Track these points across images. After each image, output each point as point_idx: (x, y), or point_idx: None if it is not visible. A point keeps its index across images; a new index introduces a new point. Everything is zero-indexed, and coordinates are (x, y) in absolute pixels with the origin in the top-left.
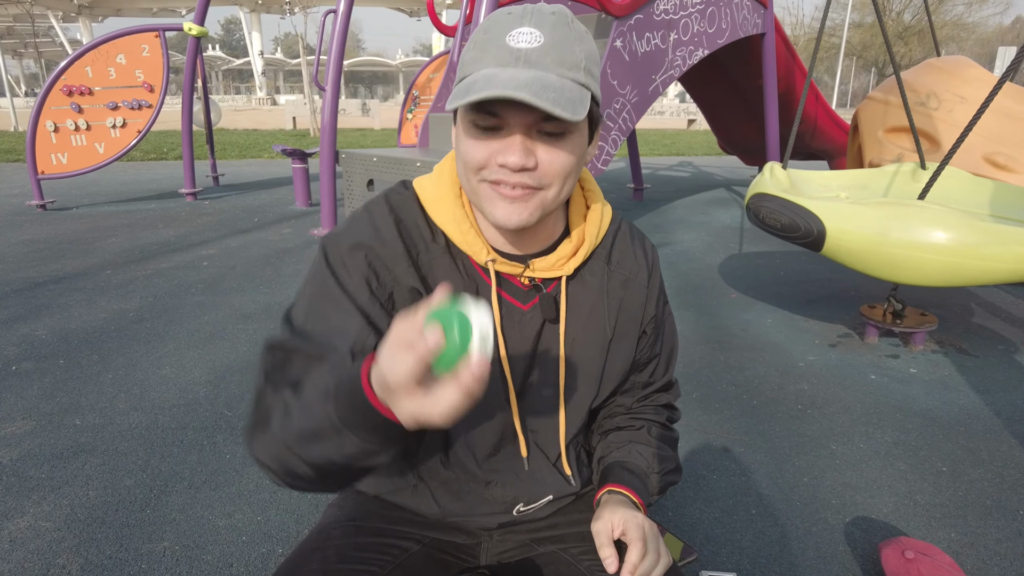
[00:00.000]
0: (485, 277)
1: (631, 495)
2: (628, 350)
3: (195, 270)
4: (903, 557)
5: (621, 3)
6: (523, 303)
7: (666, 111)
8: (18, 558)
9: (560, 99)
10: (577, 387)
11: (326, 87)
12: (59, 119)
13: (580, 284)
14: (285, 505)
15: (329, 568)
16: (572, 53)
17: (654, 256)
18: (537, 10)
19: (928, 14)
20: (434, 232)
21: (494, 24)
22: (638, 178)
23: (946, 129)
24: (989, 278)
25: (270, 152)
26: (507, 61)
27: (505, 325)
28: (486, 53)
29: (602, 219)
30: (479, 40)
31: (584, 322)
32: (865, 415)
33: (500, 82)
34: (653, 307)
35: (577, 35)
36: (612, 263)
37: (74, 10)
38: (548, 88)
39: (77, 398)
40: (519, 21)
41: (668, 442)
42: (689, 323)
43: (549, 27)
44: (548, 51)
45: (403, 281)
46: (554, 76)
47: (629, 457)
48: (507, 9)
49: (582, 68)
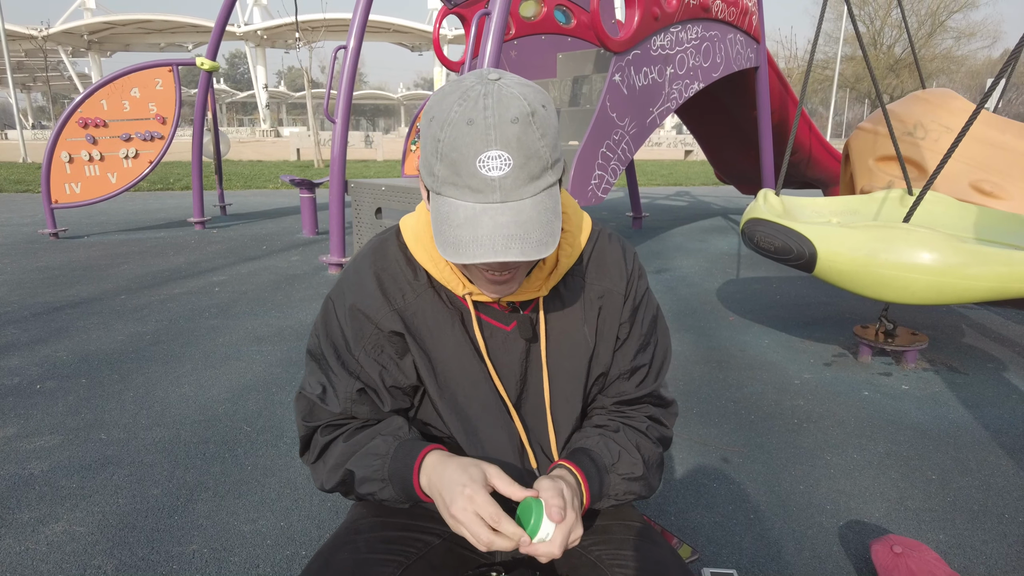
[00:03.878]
0: (467, 305)
1: (579, 475)
2: (608, 355)
3: (207, 295)
4: (892, 552)
5: (620, 39)
6: (506, 324)
7: (663, 142)
8: (56, 559)
9: (542, 237)
10: (566, 397)
11: (336, 119)
12: (74, 150)
13: (558, 301)
14: (307, 512)
15: (360, 558)
16: (540, 159)
17: (634, 264)
18: (499, 121)
19: (912, 48)
20: (416, 270)
21: (459, 142)
22: (637, 207)
23: (933, 157)
24: (972, 296)
25: (275, 182)
26: (483, 192)
27: (490, 346)
28: (459, 177)
29: (576, 239)
30: (447, 156)
31: (564, 336)
32: (859, 428)
33: (486, 237)
34: (629, 313)
35: (540, 129)
36: (588, 277)
37: (84, 45)
38: (531, 229)
39: (101, 414)
40: (484, 142)
41: (642, 451)
42: (689, 344)
43: (515, 144)
44: (518, 173)
45: (384, 327)
46: (528, 203)
47: (595, 447)
48: (467, 114)
49: (549, 167)
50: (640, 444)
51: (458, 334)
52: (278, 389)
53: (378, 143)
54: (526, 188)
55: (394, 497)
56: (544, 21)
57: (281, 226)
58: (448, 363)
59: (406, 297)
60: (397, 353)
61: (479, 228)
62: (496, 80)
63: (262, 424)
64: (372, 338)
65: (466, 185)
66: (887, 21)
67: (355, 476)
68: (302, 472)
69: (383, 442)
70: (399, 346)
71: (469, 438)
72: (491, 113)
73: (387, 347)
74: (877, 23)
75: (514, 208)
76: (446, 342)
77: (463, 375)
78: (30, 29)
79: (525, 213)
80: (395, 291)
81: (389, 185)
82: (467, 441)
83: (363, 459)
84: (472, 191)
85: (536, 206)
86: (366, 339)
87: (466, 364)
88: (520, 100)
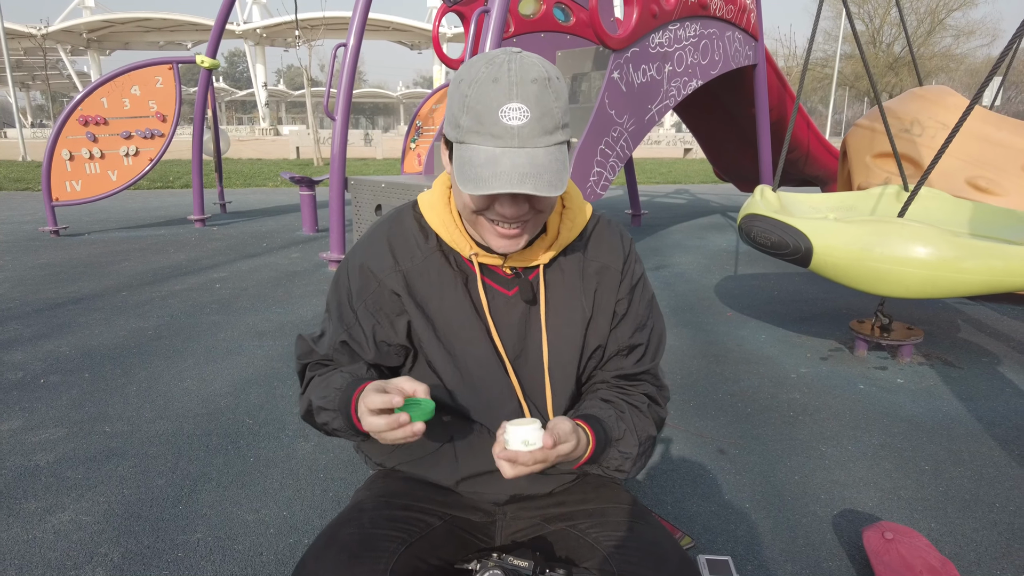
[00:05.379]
0: (473, 268)
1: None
2: (606, 327)
3: (208, 291)
4: (883, 538)
5: (618, 37)
6: (508, 289)
7: (663, 140)
8: (63, 547)
9: (553, 180)
10: (562, 358)
11: (336, 116)
12: (74, 148)
13: (558, 271)
14: (309, 501)
15: (364, 532)
16: (553, 117)
17: (630, 247)
18: (520, 80)
19: (910, 46)
20: (427, 235)
21: (484, 95)
22: (636, 205)
23: (929, 154)
24: (966, 290)
25: (275, 180)
26: (503, 138)
27: (492, 307)
28: (483, 126)
29: (577, 217)
30: (473, 108)
31: (562, 303)
32: (854, 421)
33: (504, 173)
34: (627, 290)
35: (555, 93)
36: (588, 253)
37: (83, 43)
38: (543, 171)
39: (104, 408)
40: (507, 96)
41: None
42: (686, 339)
43: (534, 100)
44: (535, 125)
45: (387, 284)
46: (542, 151)
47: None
48: (493, 74)
49: (561, 126)
50: (640, 428)
51: (460, 294)
52: (279, 383)
53: (377, 141)
54: (541, 139)
55: (343, 427)
56: (543, 19)
57: (281, 223)
58: (449, 321)
59: (414, 259)
60: (394, 312)
61: (499, 166)
62: (519, 53)
63: (264, 417)
64: (374, 295)
65: (489, 132)
66: (886, 19)
67: (313, 404)
68: (304, 463)
69: (340, 377)
70: (397, 305)
71: (467, 392)
72: (514, 74)
73: (386, 305)
74: (876, 21)
75: (530, 153)
76: (448, 301)
77: (463, 331)
78: (29, 27)
79: (539, 159)
80: (404, 253)
81: (389, 182)
82: (465, 395)
83: (322, 390)
84: (494, 137)
85: (548, 155)
86: (369, 295)
87: (467, 322)
88: (540, 67)
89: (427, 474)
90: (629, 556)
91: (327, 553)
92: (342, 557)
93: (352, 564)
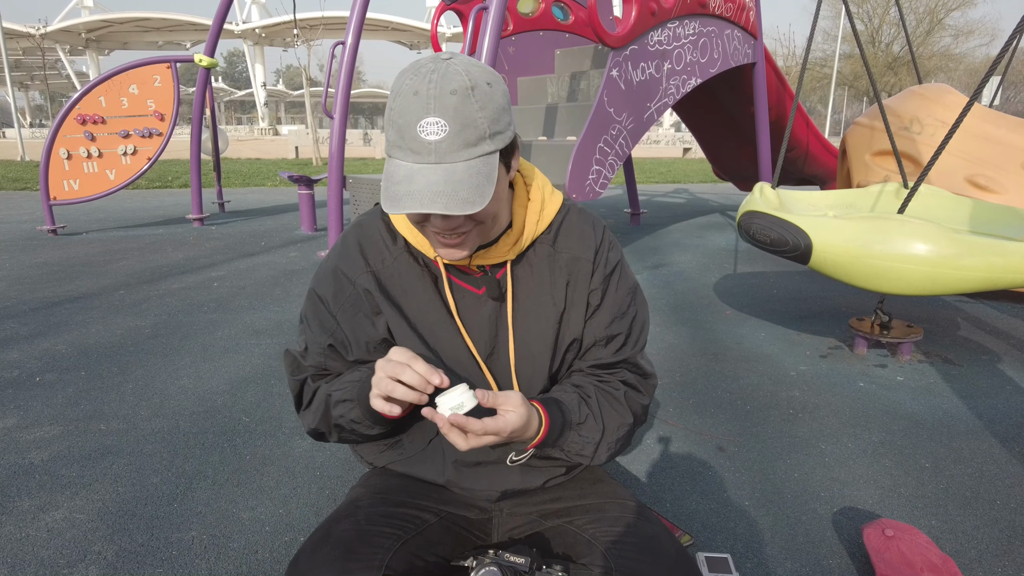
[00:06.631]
0: (439, 267)
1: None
2: (580, 320)
3: (206, 290)
4: (884, 535)
5: (617, 35)
6: (477, 288)
7: (662, 140)
8: (57, 545)
9: (470, 196)
10: (532, 355)
11: (334, 115)
12: (72, 147)
13: (526, 266)
14: (305, 499)
15: (360, 528)
16: (477, 128)
17: (603, 235)
18: (439, 93)
19: (909, 45)
20: (395, 236)
21: (405, 109)
22: (635, 204)
23: (929, 152)
24: (966, 287)
25: (274, 180)
26: (421, 153)
27: (460, 307)
28: (404, 141)
29: (543, 209)
30: (396, 122)
31: (531, 298)
32: (853, 418)
33: (417, 192)
34: (600, 280)
35: (480, 102)
36: (558, 245)
37: (82, 43)
38: (459, 188)
39: (100, 406)
40: (424, 109)
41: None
42: (685, 337)
43: (452, 112)
44: (454, 139)
45: (360, 285)
46: (461, 166)
47: (569, 403)
48: (415, 86)
49: (486, 136)
50: (607, 414)
51: (431, 294)
52: (277, 381)
53: (376, 141)
54: (460, 152)
55: (360, 417)
56: (542, 17)
57: (280, 223)
58: (420, 320)
59: (384, 260)
60: (372, 310)
61: (413, 184)
62: (447, 60)
63: (260, 415)
64: (350, 297)
65: (408, 147)
66: (885, 19)
67: (331, 399)
68: (300, 461)
69: (359, 372)
70: (372, 304)
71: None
72: (434, 86)
73: (363, 305)
74: (876, 21)
75: (447, 169)
76: (420, 301)
77: (437, 330)
78: (28, 27)
79: (457, 174)
80: (374, 255)
81: None
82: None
83: (340, 384)
84: (412, 152)
85: (468, 169)
86: (344, 297)
87: (439, 321)
88: (463, 76)
89: (418, 472)
90: (626, 551)
91: (322, 549)
92: (337, 553)
93: (347, 560)
